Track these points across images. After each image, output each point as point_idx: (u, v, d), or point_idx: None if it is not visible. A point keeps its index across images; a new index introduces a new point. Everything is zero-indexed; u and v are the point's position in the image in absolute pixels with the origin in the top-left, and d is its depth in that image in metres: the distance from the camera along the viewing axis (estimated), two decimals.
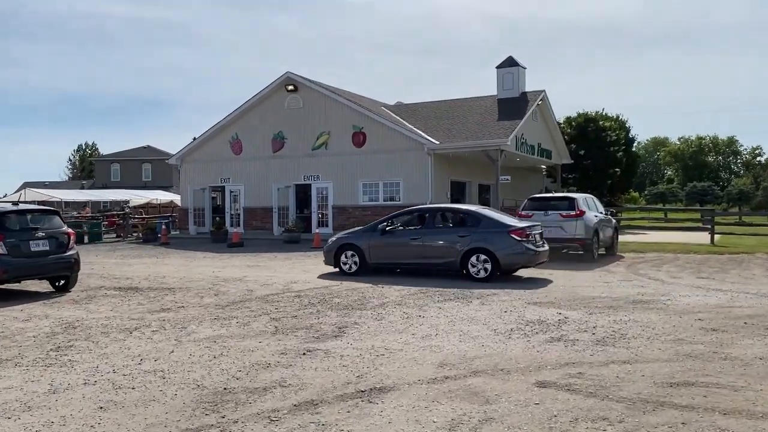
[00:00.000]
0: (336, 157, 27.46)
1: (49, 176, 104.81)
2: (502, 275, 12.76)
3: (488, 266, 12.39)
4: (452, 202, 28.30)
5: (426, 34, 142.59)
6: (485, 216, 13.08)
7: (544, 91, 29.41)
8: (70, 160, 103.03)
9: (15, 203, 12.43)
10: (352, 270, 13.83)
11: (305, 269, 15.36)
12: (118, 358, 6.76)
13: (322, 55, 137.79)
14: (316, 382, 5.76)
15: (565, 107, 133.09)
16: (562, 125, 35.85)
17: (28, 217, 11.63)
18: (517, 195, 28.79)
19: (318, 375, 5.98)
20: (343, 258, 14.01)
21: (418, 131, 26.50)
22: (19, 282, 11.66)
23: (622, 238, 20.78)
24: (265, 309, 9.56)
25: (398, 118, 28.76)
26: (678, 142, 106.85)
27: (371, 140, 26.74)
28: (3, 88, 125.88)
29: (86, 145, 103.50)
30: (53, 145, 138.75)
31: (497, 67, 29.87)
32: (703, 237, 21.95)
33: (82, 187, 72.55)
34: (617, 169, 36.14)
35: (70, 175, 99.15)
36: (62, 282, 12.04)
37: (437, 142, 25.47)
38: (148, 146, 75.89)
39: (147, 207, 44.49)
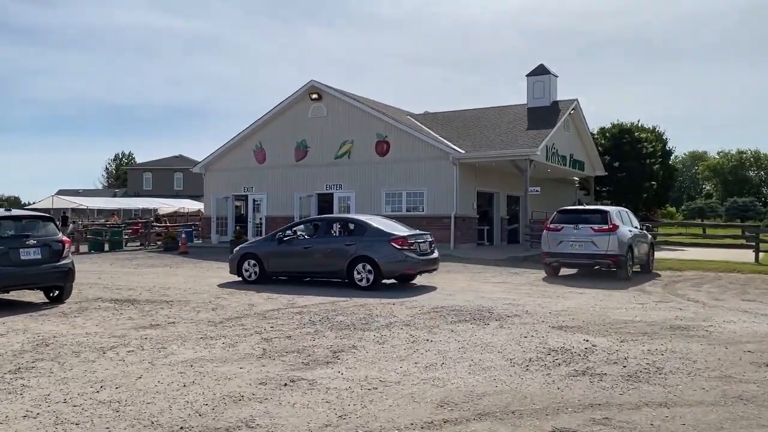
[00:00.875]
0: (359, 166, 26.68)
1: (87, 185, 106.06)
2: (402, 282, 13.82)
3: (371, 275, 12.81)
4: (479, 213, 27.35)
5: (460, 47, 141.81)
6: (370, 225, 13.53)
7: (576, 100, 28.25)
8: (107, 168, 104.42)
9: (7, 209, 11.82)
10: (253, 278, 14.17)
11: (315, 281, 14.52)
12: (77, 383, 5.97)
13: (355, 68, 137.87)
14: (289, 422, 4.87)
15: (599, 120, 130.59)
16: (595, 136, 34.58)
17: (21, 223, 11.00)
18: (547, 207, 27.58)
19: (294, 413, 5.09)
20: (245, 266, 14.32)
21: (444, 140, 25.57)
22: (8, 292, 11.01)
23: (658, 254, 19.53)
24: (260, 327, 8.72)
25: (423, 126, 27.88)
26: (717, 156, 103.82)
27: (395, 149, 25.92)
28: (44, 98, 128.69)
29: (123, 154, 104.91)
30: (93, 154, 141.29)
31: (527, 75, 28.81)
32: (747, 255, 20.49)
33: (115, 195, 73.35)
34: (653, 183, 34.68)
35: (106, 184, 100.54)
36: (56, 293, 11.39)
37: (463, 152, 24.51)
38: (180, 155, 76.29)
39: (175, 216, 44.40)
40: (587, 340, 7.80)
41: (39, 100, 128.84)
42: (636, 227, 16.83)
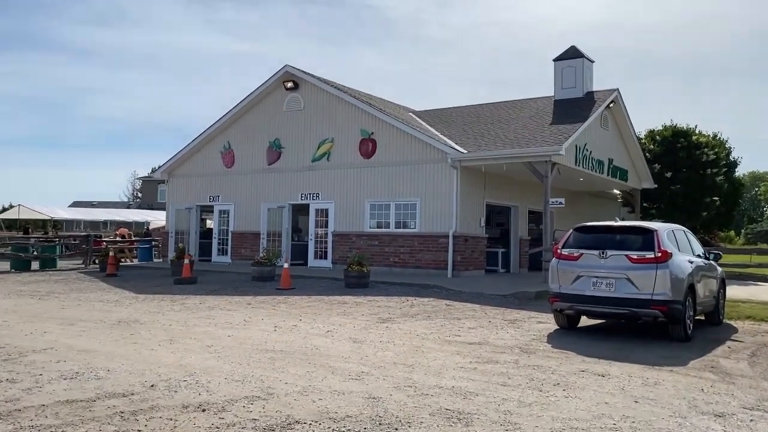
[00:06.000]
0: (340, 170, 21.39)
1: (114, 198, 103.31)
2: None
3: None
4: (500, 232, 21.89)
5: (507, 66, 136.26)
6: None
7: (617, 89, 22.31)
8: (143, 181, 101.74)
9: None
10: None
11: (206, 341, 9.17)
12: None
13: (407, 88, 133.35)
14: None
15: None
16: (643, 141, 28.47)
17: None
18: None
19: None
20: None
21: (442, 137, 20.10)
22: None
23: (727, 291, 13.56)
24: None
25: (420, 121, 22.47)
26: None
27: (382, 149, 20.52)
28: (102, 116, 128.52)
29: (159, 167, 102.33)
30: (140, 170, 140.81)
31: (555, 60, 22.99)
32: None
33: (129, 207, 70.07)
34: (716, 198, 28.23)
35: (130, 197, 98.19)
36: None
37: (464, 151, 18.93)
38: None
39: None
40: None
41: (97, 119, 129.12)
42: (699, 255, 10.94)
